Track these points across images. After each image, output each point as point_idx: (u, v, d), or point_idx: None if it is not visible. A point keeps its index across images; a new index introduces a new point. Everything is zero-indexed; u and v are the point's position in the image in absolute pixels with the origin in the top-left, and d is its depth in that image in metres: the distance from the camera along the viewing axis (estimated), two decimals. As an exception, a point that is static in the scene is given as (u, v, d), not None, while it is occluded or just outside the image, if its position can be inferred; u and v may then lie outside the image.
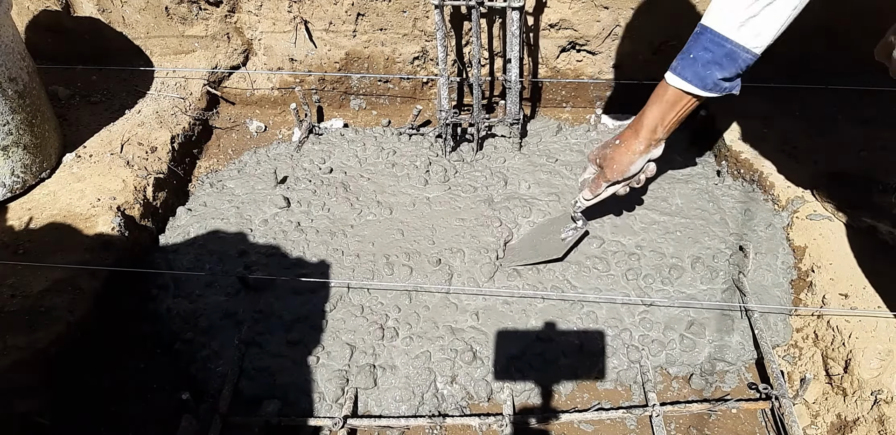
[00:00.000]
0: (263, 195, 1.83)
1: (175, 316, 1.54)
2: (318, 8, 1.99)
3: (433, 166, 1.90)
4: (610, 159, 1.42)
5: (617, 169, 1.42)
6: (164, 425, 1.34)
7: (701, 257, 1.60)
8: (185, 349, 1.49)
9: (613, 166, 1.42)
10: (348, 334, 1.48)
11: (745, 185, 1.80)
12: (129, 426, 1.38)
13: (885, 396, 1.25)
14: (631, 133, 1.39)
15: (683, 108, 1.32)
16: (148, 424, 1.38)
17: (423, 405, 1.40)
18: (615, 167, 1.41)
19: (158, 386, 1.45)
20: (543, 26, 2.01)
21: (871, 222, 1.51)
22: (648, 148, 1.38)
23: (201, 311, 1.54)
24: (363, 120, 2.23)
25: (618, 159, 1.40)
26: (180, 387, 1.41)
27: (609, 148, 1.43)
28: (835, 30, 1.98)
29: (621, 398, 1.44)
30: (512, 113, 1.90)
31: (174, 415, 1.34)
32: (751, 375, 1.48)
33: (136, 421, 1.38)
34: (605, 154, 1.43)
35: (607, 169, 1.43)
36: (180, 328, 1.52)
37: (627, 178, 1.44)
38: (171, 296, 1.58)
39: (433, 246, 1.67)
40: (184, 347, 1.49)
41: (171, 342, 1.50)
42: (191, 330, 1.51)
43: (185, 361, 1.47)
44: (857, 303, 1.40)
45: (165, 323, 1.53)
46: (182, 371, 1.46)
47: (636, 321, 1.50)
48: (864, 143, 1.80)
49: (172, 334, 1.51)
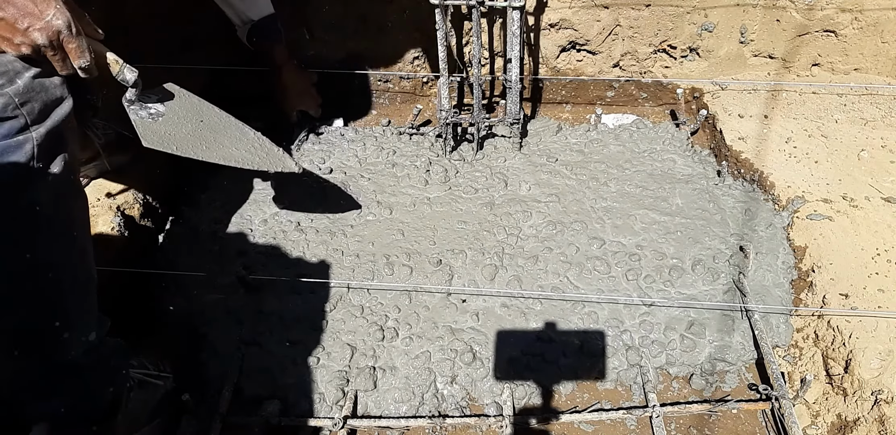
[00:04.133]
0: (264, 195, 1.83)
1: (175, 316, 1.54)
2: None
3: (433, 166, 1.90)
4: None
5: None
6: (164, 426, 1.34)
7: (701, 258, 1.60)
8: (185, 349, 1.49)
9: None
10: (348, 335, 1.48)
11: (746, 185, 1.80)
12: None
13: (885, 396, 1.25)
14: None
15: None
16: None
17: (424, 405, 1.40)
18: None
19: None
20: (543, 26, 2.01)
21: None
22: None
23: (201, 311, 1.54)
24: (363, 120, 2.23)
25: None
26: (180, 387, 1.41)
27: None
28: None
29: (621, 398, 1.45)
30: (512, 113, 1.89)
31: (174, 415, 1.34)
32: (751, 376, 1.48)
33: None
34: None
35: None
36: (180, 328, 1.52)
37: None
38: (171, 296, 1.57)
39: (434, 246, 1.67)
40: (184, 347, 1.49)
41: (170, 342, 1.50)
42: (190, 330, 1.51)
43: (185, 361, 1.47)
44: (857, 303, 1.40)
45: (165, 323, 1.53)
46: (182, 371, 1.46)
47: (636, 322, 1.50)
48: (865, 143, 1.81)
49: (172, 334, 1.51)
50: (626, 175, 1.86)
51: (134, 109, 1.24)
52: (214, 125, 1.37)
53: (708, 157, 1.96)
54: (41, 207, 1.00)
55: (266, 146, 1.43)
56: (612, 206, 1.76)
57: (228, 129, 1.39)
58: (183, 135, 1.30)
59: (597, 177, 1.85)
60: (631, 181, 1.83)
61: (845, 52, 1.97)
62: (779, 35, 1.98)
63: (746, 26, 1.97)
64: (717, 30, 1.98)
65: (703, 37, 2.00)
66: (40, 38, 0.95)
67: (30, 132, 0.97)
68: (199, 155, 1.32)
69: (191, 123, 1.33)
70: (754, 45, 2.03)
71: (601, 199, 1.78)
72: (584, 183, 1.84)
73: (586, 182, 1.84)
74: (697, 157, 1.94)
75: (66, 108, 1.03)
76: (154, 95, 1.26)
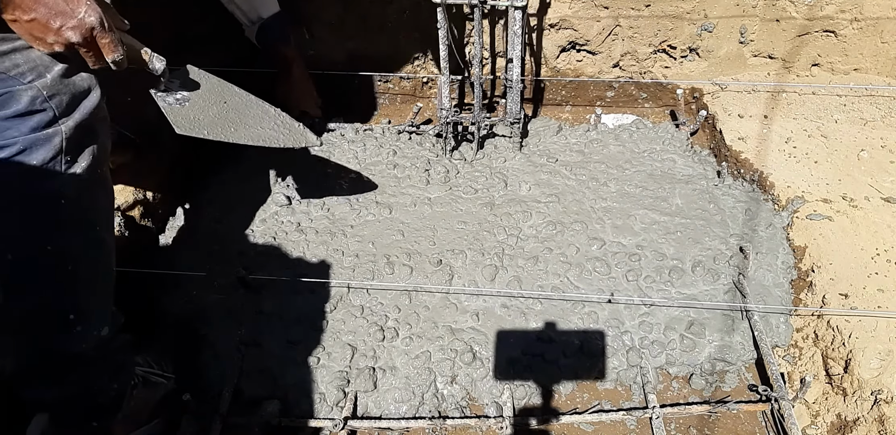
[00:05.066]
0: (264, 195, 1.83)
1: (175, 316, 1.54)
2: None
3: (434, 166, 1.90)
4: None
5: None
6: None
7: (701, 258, 1.60)
8: (185, 350, 1.49)
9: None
10: (348, 335, 1.48)
11: (745, 185, 1.80)
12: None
13: (885, 396, 1.25)
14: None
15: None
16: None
17: (424, 405, 1.40)
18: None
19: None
20: (544, 26, 2.01)
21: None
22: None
23: (201, 311, 1.54)
24: (363, 120, 2.23)
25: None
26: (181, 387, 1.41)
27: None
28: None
29: (621, 398, 1.45)
30: (513, 112, 1.89)
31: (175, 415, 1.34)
32: (751, 375, 1.49)
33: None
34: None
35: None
36: (180, 328, 1.52)
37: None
38: (171, 296, 1.57)
39: (434, 247, 1.67)
40: (184, 348, 1.49)
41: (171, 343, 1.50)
42: (190, 330, 1.51)
43: (185, 361, 1.47)
44: (856, 303, 1.41)
45: (165, 323, 1.53)
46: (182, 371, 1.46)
47: (636, 322, 1.50)
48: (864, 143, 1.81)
49: (172, 335, 1.51)
50: (626, 175, 1.86)
51: (161, 97, 1.24)
52: (238, 105, 1.37)
53: (708, 157, 1.97)
54: (66, 200, 1.01)
55: (287, 122, 1.44)
56: (612, 207, 1.76)
57: (251, 108, 1.39)
58: (211, 118, 1.31)
59: (597, 177, 1.85)
60: (631, 181, 1.83)
61: (845, 53, 1.98)
62: (779, 35, 1.98)
63: (746, 26, 1.97)
64: (716, 30, 1.98)
65: (703, 37, 2.00)
66: (74, 36, 0.93)
67: (59, 125, 0.97)
68: (229, 137, 1.33)
69: (216, 106, 1.33)
70: (754, 46, 2.03)
71: (601, 200, 1.78)
72: (583, 183, 1.84)
73: (586, 182, 1.84)
74: (697, 157, 1.94)
75: (94, 98, 1.03)
76: (177, 80, 1.26)
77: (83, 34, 0.94)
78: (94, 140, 1.05)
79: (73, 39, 0.93)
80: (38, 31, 0.91)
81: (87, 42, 0.95)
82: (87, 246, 1.07)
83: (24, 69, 0.93)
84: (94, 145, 1.04)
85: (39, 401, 1.14)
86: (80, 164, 1.02)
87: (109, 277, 1.15)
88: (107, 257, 1.13)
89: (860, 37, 1.92)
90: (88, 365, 1.13)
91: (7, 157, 0.94)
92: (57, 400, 1.13)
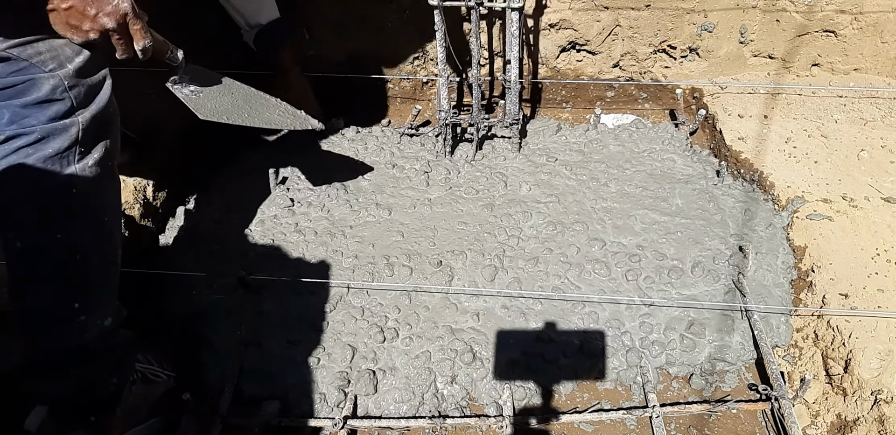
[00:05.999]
0: (264, 195, 1.83)
1: (175, 316, 1.54)
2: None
3: (434, 167, 1.90)
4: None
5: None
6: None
7: (701, 258, 1.60)
8: (184, 350, 1.49)
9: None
10: (348, 335, 1.48)
11: (745, 185, 1.80)
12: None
13: (885, 396, 1.25)
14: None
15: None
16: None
17: (424, 405, 1.40)
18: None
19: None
20: (543, 26, 2.01)
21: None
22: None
23: (201, 311, 1.54)
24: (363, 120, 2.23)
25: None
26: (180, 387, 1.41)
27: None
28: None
29: (621, 398, 1.45)
30: (511, 113, 1.90)
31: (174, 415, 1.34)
32: (751, 375, 1.48)
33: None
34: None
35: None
36: (180, 329, 1.52)
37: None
38: (171, 296, 1.57)
39: (434, 247, 1.67)
40: (184, 348, 1.49)
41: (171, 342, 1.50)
42: (190, 330, 1.51)
43: (184, 361, 1.47)
44: (857, 303, 1.41)
45: (165, 323, 1.53)
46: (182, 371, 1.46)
47: (636, 322, 1.50)
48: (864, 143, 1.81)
49: (172, 334, 1.51)
50: (626, 175, 1.86)
51: (178, 88, 1.30)
52: (243, 95, 1.46)
53: (708, 157, 1.97)
54: (77, 190, 1.02)
55: (289, 109, 1.54)
56: (613, 207, 1.76)
57: (254, 98, 1.49)
58: (225, 106, 1.39)
59: (597, 177, 1.85)
60: (631, 181, 1.83)
61: (845, 53, 1.98)
62: (778, 35, 1.98)
63: (746, 26, 1.98)
64: (716, 30, 1.98)
65: (703, 37, 2.00)
66: (109, 22, 0.95)
67: (76, 116, 0.99)
68: (246, 121, 1.41)
69: (225, 96, 1.41)
70: (754, 46, 2.03)
71: (601, 200, 1.78)
72: (584, 183, 1.84)
73: (586, 182, 1.84)
74: (697, 157, 1.94)
75: (107, 92, 1.05)
76: (186, 75, 1.31)
77: (118, 20, 0.96)
78: (108, 133, 1.07)
79: (108, 25, 0.96)
80: (75, 18, 0.94)
81: (120, 28, 0.98)
82: (96, 237, 1.09)
83: (46, 57, 0.95)
84: (108, 139, 1.06)
85: (40, 393, 1.14)
86: (94, 155, 1.04)
87: (115, 269, 1.16)
88: (114, 249, 1.15)
89: (860, 37, 1.92)
90: (89, 357, 1.14)
91: (24, 145, 0.96)
92: (58, 393, 1.14)
